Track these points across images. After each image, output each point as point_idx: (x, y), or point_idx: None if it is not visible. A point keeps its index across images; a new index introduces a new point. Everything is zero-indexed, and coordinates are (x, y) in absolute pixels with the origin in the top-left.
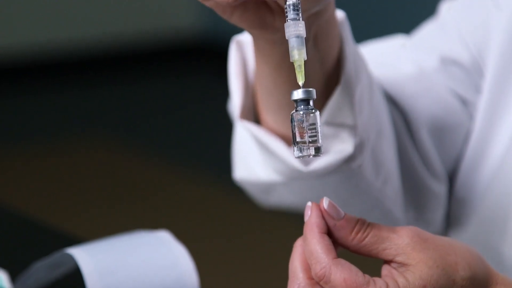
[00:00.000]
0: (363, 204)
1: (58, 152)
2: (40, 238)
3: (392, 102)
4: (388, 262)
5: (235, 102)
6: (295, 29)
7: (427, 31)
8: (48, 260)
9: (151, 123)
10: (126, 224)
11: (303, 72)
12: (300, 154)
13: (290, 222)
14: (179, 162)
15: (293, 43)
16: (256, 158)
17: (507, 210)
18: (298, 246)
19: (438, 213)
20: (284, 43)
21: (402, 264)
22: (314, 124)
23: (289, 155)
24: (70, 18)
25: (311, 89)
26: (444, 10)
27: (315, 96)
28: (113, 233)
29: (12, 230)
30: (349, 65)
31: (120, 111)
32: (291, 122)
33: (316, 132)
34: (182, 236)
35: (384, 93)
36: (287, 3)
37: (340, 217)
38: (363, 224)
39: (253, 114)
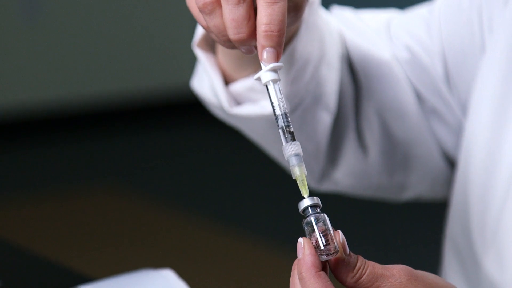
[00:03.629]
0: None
1: (70, 197)
2: (53, 276)
3: (352, 71)
4: None
5: (198, 31)
6: (293, 149)
7: (414, 18)
8: None
9: (156, 171)
10: (133, 263)
11: (306, 186)
12: (323, 258)
13: (288, 260)
14: (181, 206)
15: (293, 161)
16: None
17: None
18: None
19: (346, 177)
20: None
21: None
22: (325, 225)
23: (223, 92)
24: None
25: (315, 197)
26: (437, 4)
27: (320, 204)
28: (120, 271)
29: (26, 269)
30: (298, 48)
31: (127, 160)
32: (304, 229)
33: (328, 233)
34: (185, 274)
35: (346, 61)
36: (279, 126)
37: (347, 253)
38: (362, 261)
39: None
